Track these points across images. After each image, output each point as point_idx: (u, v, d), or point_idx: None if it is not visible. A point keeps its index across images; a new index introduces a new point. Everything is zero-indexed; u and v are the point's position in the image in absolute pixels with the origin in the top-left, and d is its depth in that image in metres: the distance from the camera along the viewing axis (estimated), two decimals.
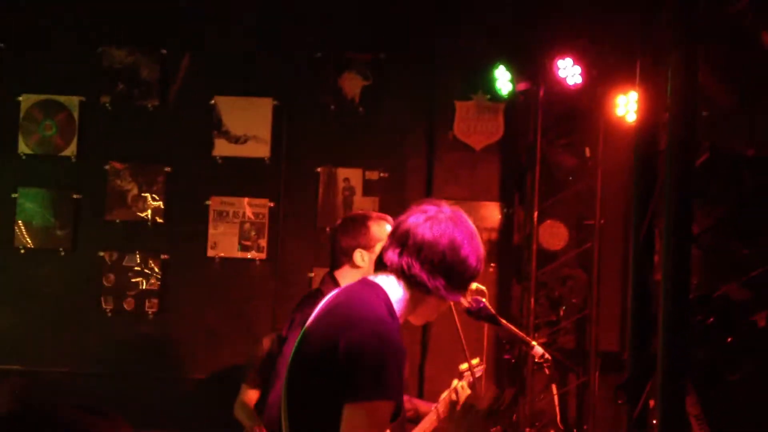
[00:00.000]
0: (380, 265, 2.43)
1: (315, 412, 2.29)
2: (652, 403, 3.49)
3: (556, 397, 3.48)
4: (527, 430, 4.76)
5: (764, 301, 3.22)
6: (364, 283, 2.44)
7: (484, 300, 3.48)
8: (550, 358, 3.27)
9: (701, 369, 3.22)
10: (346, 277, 3.49)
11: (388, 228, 3.51)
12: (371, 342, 2.20)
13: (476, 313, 3.46)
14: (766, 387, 3.22)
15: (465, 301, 3.00)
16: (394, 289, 2.38)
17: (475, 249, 2.38)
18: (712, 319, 3.20)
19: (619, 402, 3.55)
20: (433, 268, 2.35)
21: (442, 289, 2.35)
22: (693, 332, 3.21)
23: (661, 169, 3.75)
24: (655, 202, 3.85)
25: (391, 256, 2.39)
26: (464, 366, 3.64)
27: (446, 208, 2.42)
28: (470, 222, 2.44)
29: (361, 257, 3.45)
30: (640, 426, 3.54)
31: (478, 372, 3.63)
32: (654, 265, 3.71)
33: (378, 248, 3.44)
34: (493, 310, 3.45)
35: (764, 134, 3.81)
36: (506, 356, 5.09)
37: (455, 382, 3.60)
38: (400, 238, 2.39)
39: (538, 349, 3.26)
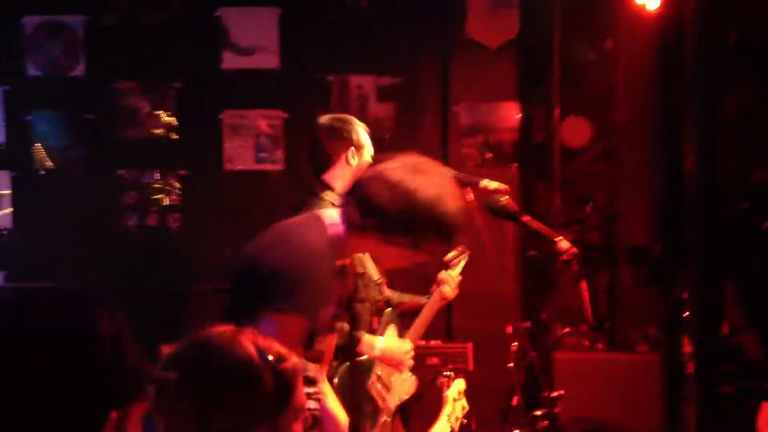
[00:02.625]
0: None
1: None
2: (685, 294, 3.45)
3: (585, 293, 3.44)
4: (558, 325, 4.76)
5: None
6: (310, 214, 2.58)
7: (504, 198, 3.45)
8: (575, 252, 3.22)
9: (736, 256, 3.16)
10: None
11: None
12: (292, 260, 2.33)
13: (497, 211, 3.42)
14: None
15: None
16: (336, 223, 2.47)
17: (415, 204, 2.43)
18: (747, 205, 3.13)
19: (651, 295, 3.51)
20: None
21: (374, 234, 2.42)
22: (726, 220, 3.14)
23: (688, 53, 3.62)
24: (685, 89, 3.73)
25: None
26: (450, 255, 3.79)
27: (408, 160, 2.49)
28: (433, 175, 2.49)
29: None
30: (673, 318, 3.51)
31: (463, 260, 3.79)
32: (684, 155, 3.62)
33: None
34: (514, 208, 3.41)
35: None
36: (531, 252, 5.04)
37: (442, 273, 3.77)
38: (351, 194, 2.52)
39: (563, 244, 3.22)
